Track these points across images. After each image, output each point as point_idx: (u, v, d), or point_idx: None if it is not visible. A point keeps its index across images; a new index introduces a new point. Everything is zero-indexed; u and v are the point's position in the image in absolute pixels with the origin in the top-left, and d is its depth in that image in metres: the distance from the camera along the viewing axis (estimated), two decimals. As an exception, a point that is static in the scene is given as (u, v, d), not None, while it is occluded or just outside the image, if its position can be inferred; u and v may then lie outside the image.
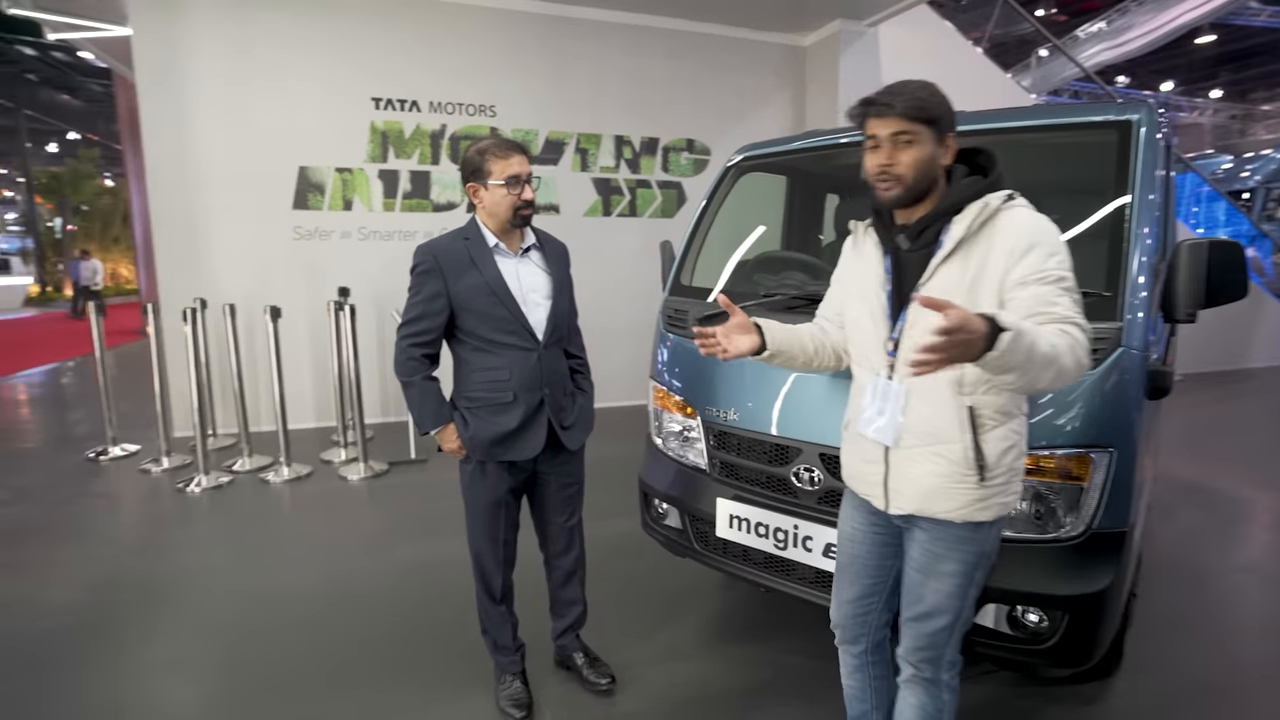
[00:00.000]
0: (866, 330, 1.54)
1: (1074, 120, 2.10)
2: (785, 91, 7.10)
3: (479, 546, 2.19)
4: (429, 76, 5.88)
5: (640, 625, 2.74)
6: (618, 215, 6.65)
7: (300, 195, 5.66)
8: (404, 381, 2.06)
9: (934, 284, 1.41)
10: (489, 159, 1.99)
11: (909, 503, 1.48)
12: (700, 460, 2.43)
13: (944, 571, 1.48)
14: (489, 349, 2.05)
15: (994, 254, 1.36)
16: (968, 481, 1.41)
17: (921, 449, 1.45)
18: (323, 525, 3.82)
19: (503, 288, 2.02)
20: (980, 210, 1.38)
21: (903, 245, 1.49)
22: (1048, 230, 1.36)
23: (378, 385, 5.96)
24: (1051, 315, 1.29)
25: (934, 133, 1.40)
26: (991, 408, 1.40)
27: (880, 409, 1.49)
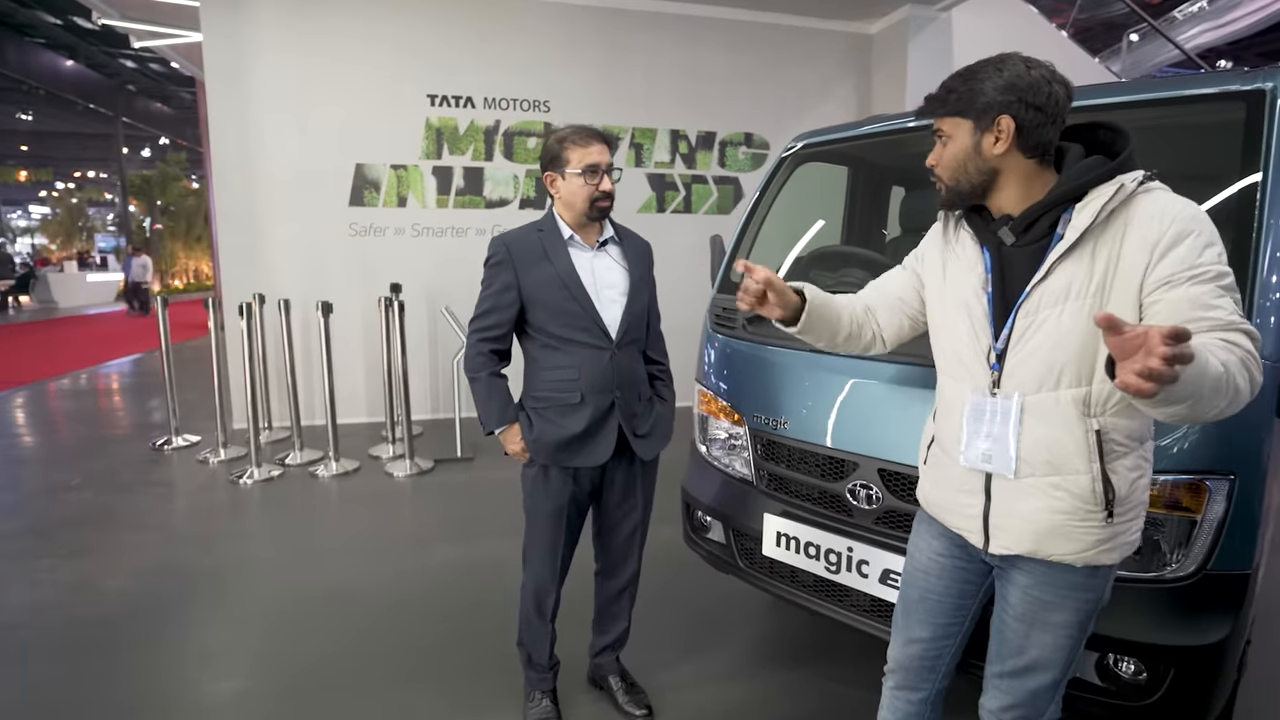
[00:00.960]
0: (963, 338, 1.30)
1: (1191, 93, 1.81)
2: (848, 82, 6.78)
3: (534, 556, 2.07)
4: (484, 72, 5.85)
5: (679, 643, 2.57)
6: (672, 212, 6.49)
7: (356, 192, 5.72)
8: (471, 377, 1.97)
9: (1052, 284, 1.18)
10: (567, 147, 1.88)
11: (1018, 543, 1.24)
12: (747, 471, 2.24)
13: (1054, 622, 1.26)
14: (559, 346, 1.93)
15: (1130, 247, 1.12)
16: (1093, 519, 1.19)
17: (1036, 480, 1.22)
18: (365, 522, 3.81)
19: (575, 281, 1.91)
20: (1113, 194, 1.14)
21: (1006, 240, 1.25)
22: (1199, 217, 1.11)
23: (427, 381, 5.98)
24: (1212, 322, 1.05)
25: (972, 122, 1.21)
26: (1122, 432, 1.18)
27: (987, 432, 1.25)
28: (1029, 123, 1.18)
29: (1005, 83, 1.18)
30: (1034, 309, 1.19)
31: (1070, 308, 1.16)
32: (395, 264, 5.73)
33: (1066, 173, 1.21)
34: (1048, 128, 1.20)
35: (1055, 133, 1.22)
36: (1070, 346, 1.16)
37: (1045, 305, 1.18)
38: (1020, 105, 1.18)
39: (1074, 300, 1.16)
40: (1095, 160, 1.20)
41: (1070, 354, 1.16)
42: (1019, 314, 1.21)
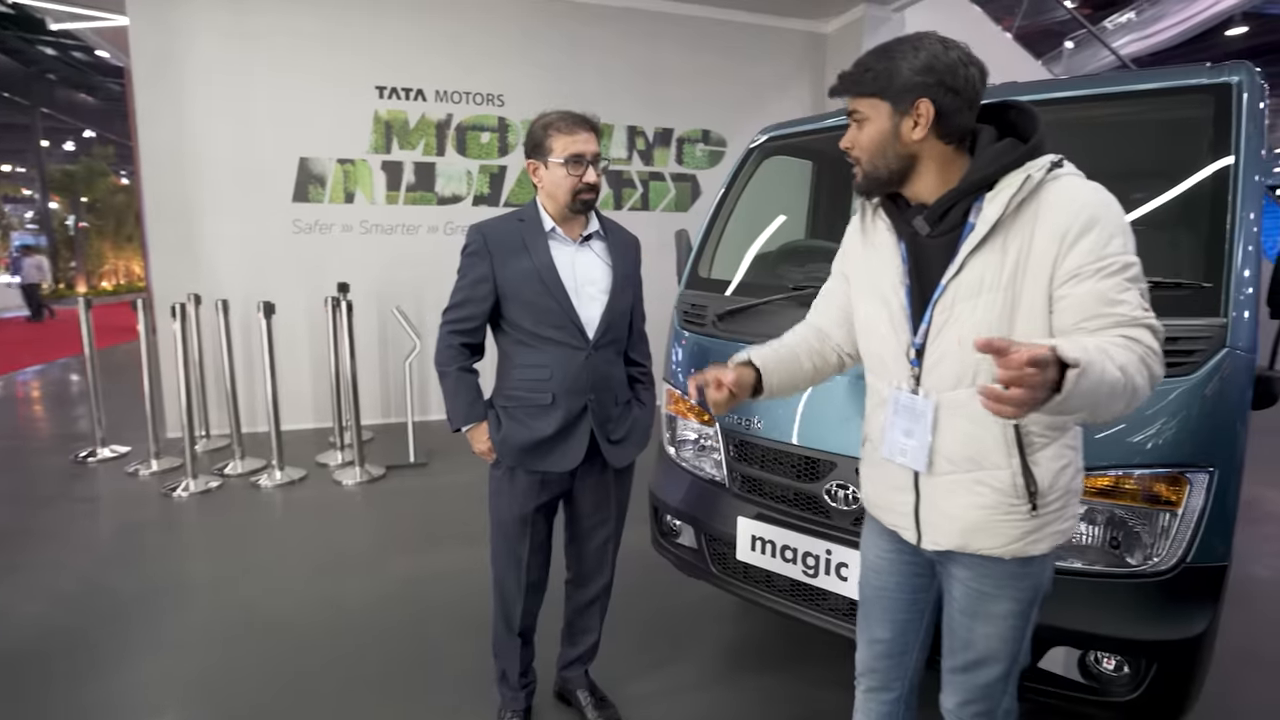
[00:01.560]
0: (883, 335, 1.28)
1: (1159, 86, 1.81)
2: (804, 81, 6.81)
3: (499, 564, 1.96)
4: (435, 64, 5.65)
5: (649, 651, 2.48)
6: (629, 209, 6.40)
7: (300, 187, 5.45)
8: (440, 371, 1.87)
9: (966, 277, 1.14)
10: (552, 133, 1.77)
11: (947, 538, 1.24)
12: (719, 473, 2.17)
13: (996, 613, 1.25)
14: (533, 344, 1.83)
15: (1040, 238, 1.09)
16: (1017, 513, 1.17)
17: (959, 476, 1.20)
18: (313, 534, 3.60)
19: (553, 276, 1.80)
20: (1020, 184, 1.10)
21: (921, 230, 1.20)
22: (1108, 205, 1.08)
23: (377, 384, 5.75)
24: (1115, 318, 1.04)
25: (893, 105, 1.15)
26: (1040, 424, 1.16)
27: (907, 429, 1.23)
28: (947, 107, 1.13)
29: (923, 64, 1.12)
30: (950, 303, 1.16)
31: (984, 301, 1.13)
32: (342, 262, 5.48)
33: (977, 159, 1.17)
34: (965, 112, 1.16)
35: (972, 118, 1.17)
36: None
37: (960, 299, 1.15)
38: (939, 88, 1.12)
39: (987, 293, 1.12)
40: (1006, 145, 1.16)
41: None
42: (935, 309, 1.18)
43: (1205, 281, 1.51)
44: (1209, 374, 1.46)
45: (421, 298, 5.61)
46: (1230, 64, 1.75)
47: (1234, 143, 1.61)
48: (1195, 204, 1.63)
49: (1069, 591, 1.55)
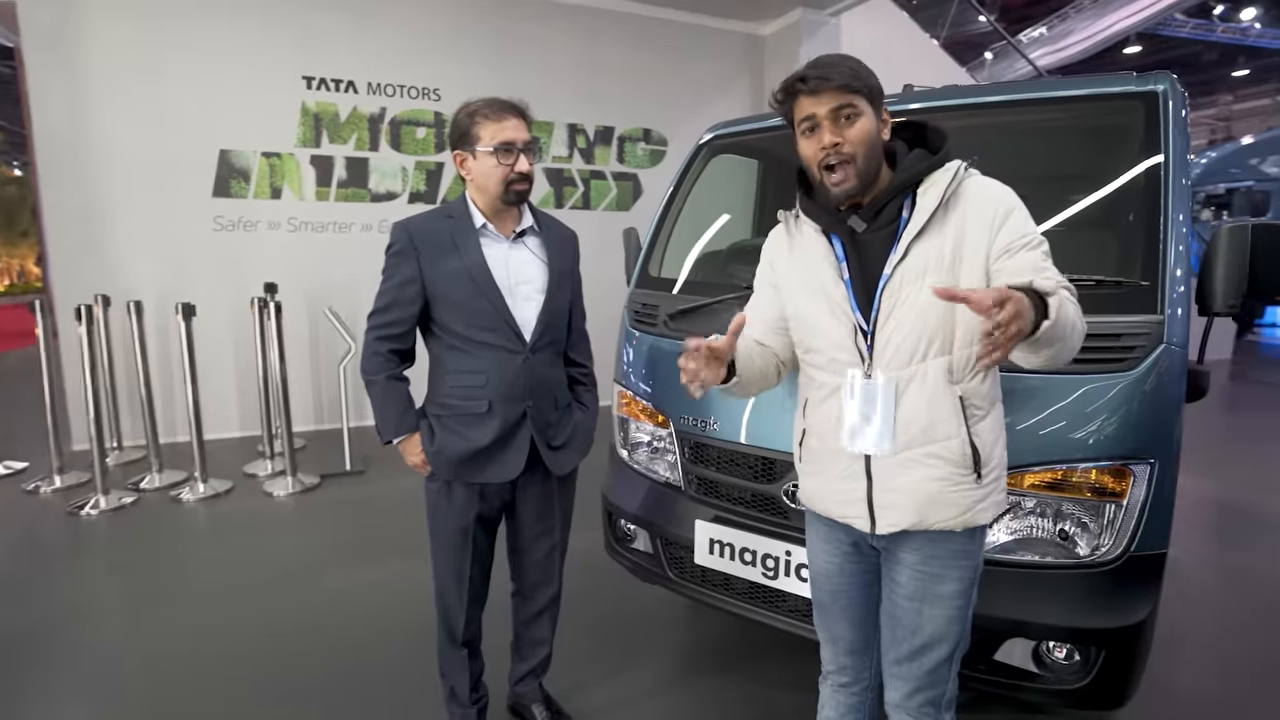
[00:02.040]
0: (827, 327, 1.32)
1: (1090, 92, 1.88)
2: (743, 82, 6.89)
3: (440, 580, 1.86)
4: (366, 56, 5.43)
5: (603, 660, 2.43)
6: (571, 207, 6.32)
7: (221, 182, 5.14)
8: (367, 380, 1.75)
9: (910, 263, 1.24)
10: (478, 121, 1.68)
11: (903, 517, 1.28)
12: (674, 476, 2.13)
13: (943, 594, 1.30)
14: (466, 348, 1.73)
15: (971, 224, 1.23)
16: (966, 483, 1.26)
17: (912, 452, 1.26)
18: (241, 550, 3.38)
19: (485, 276, 1.71)
20: (951, 178, 1.25)
21: (857, 227, 1.29)
22: (1014, 195, 1.26)
23: (309, 389, 5.48)
24: (1051, 280, 1.16)
25: (874, 106, 1.26)
26: (980, 396, 1.26)
27: (865, 414, 1.27)
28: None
29: (878, 82, 1.27)
30: (897, 287, 1.24)
31: (929, 282, 1.21)
32: (269, 261, 5.20)
33: (903, 164, 1.29)
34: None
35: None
36: (932, 319, 1.23)
37: (907, 282, 1.24)
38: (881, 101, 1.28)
39: (931, 275, 1.22)
40: (921, 153, 1.30)
41: (933, 325, 1.23)
42: (884, 294, 1.25)
43: (1143, 280, 1.57)
44: (1148, 369, 1.52)
45: (355, 298, 5.38)
46: (1154, 73, 1.83)
47: (1163, 147, 1.68)
48: (1130, 206, 1.69)
49: (1023, 585, 1.58)
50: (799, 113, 1.27)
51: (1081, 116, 1.96)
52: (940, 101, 2.15)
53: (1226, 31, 18.04)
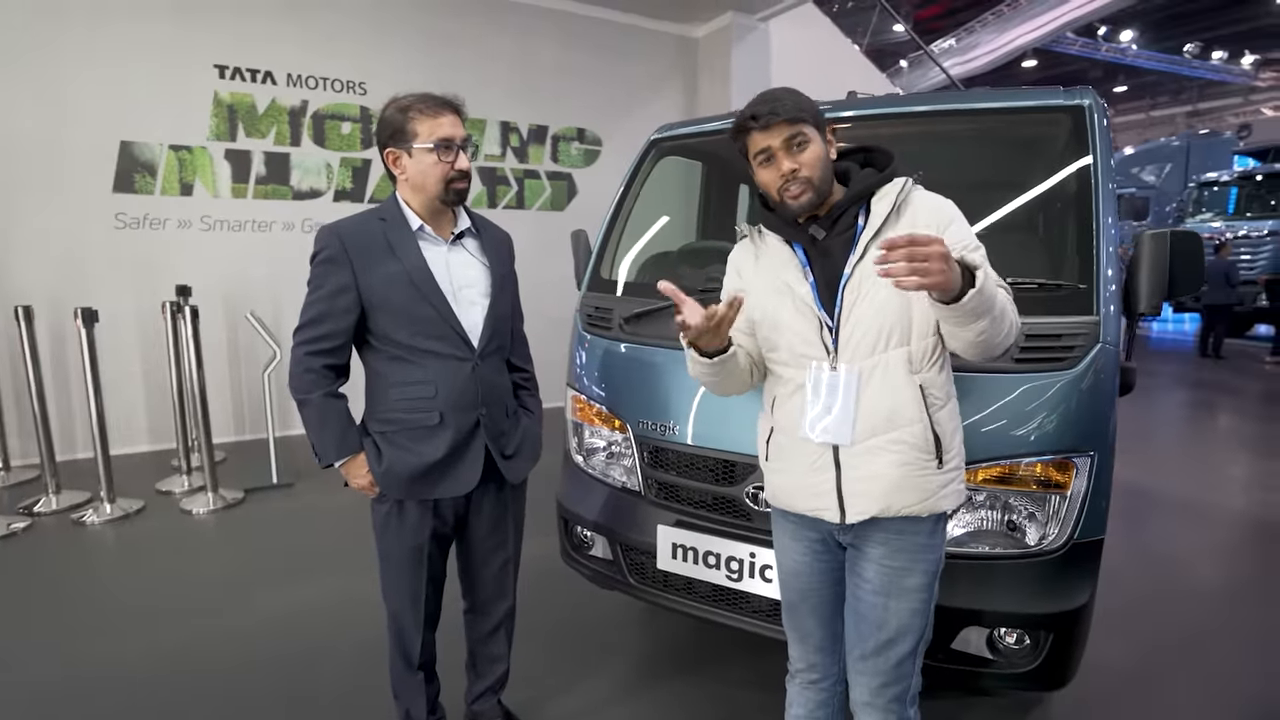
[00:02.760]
0: (794, 325, 1.40)
1: (1022, 105, 1.98)
2: (677, 83, 6.94)
3: (395, 603, 1.77)
4: (285, 45, 5.15)
5: (562, 670, 2.38)
6: (504, 207, 6.20)
7: (124, 176, 4.75)
8: (300, 400, 1.62)
9: (868, 263, 1.32)
10: (414, 117, 1.59)
11: (871, 504, 1.34)
12: (633, 481, 2.11)
13: (909, 587, 1.36)
14: (410, 358, 1.63)
15: (920, 228, 1.31)
16: (929, 467, 1.34)
17: (878, 439, 1.34)
18: (156, 575, 3.12)
19: (428, 280, 1.62)
20: (900, 188, 1.37)
21: (818, 235, 1.40)
22: (955, 206, 1.38)
23: (229, 398, 5.16)
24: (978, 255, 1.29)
25: (820, 132, 1.38)
26: (938, 386, 1.36)
27: (827, 405, 1.35)
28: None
29: (818, 110, 1.38)
30: (857, 284, 1.34)
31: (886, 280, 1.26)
32: (181, 262, 4.86)
33: (856, 179, 1.41)
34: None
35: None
36: (891, 312, 1.32)
37: (866, 280, 1.33)
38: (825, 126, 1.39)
39: None
40: (870, 171, 1.42)
41: (892, 318, 1.32)
42: (845, 291, 1.35)
43: (1080, 283, 1.66)
44: (1087, 367, 1.61)
45: (278, 301, 5.11)
46: (1079, 88, 1.95)
47: (1092, 156, 1.79)
48: (1064, 211, 1.80)
49: (976, 575, 1.65)
50: (753, 147, 1.36)
51: (1015, 126, 2.06)
52: (883, 109, 2.21)
53: (1109, 51, 19.54)
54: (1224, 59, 20.71)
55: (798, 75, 6.87)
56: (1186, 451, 5.30)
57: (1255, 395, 7.29)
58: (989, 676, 1.69)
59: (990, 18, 16.73)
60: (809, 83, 1.40)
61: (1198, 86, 22.92)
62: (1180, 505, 4.02)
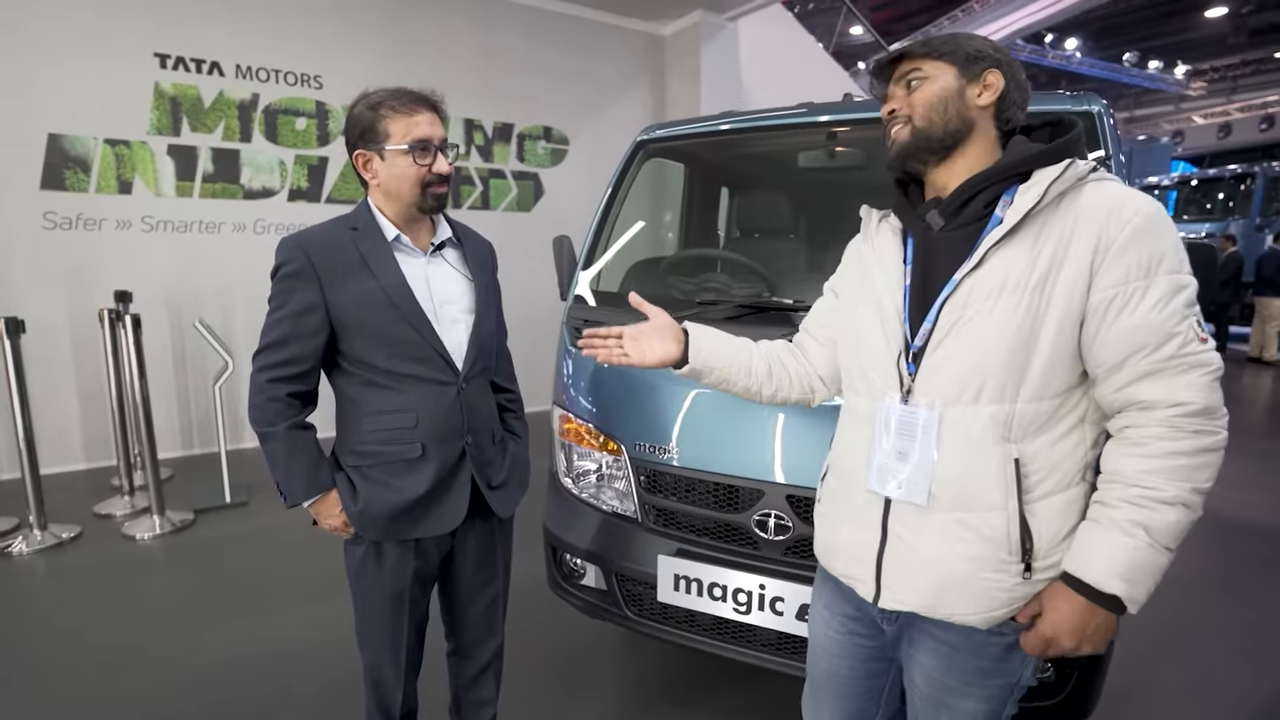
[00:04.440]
0: (872, 342, 1.12)
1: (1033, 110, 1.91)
2: (645, 81, 6.81)
3: (373, 654, 1.60)
4: (234, 35, 4.84)
5: (547, 703, 2.24)
6: (469, 208, 5.99)
7: (53, 172, 4.39)
8: (263, 432, 1.43)
9: (986, 274, 0.99)
10: (386, 115, 1.41)
11: (911, 596, 1.05)
12: (628, 506, 1.98)
13: (963, 710, 1.10)
14: (388, 384, 1.46)
15: (1079, 239, 0.95)
16: (1006, 570, 1.00)
17: (941, 515, 1.02)
18: (96, 610, 2.85)
19: (407, 298, 1.45)
20: (1061, 172, 0.98)
21: (934, 224, 1.07)
22: (1160, 212, 0.95)
23: (175, 412, 4.83)
24: (1160, 364, 0.93)
25: (957, 68, 1.05)
26: (1046, 465, 0.99)
27: (902, 450, 1.04)
28: (1009, 91, 1.07)
29: (994, 45, 1.08)
30: (962, 303, 1.01)
31: (1005, 304, 0.98)
32: (121, 266, 4.52)
33: (1009, 150, 1.07)
34: (1019, 108, 1.10)
35: (1022, 116, 1.11)
36: (999, 352, 0.98)
37: (976, 299, 1.00)
38: (1007, 68, 1.07)
39: (1009, 295, 0.98)
40: (1033, 142, 1.08)
41: (997, 361, 0.98)
42: (945, 308, 1.02)
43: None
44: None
45: (229, 307, 4.82)
46: (1087, 94, 1.90)
47: (1110, 160, 1.74)
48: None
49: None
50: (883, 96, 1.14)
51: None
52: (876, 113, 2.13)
53: (1055, 58, 20.19)
54: (1159, 68, 21.62)
55: (766, 75, 6.86)
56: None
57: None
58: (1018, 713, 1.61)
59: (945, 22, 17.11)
60: (777, 83, 1.23)
61: (1135, 94, 23.89)
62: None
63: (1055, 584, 1.00)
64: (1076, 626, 0.97)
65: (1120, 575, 0.94)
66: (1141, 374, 0.95)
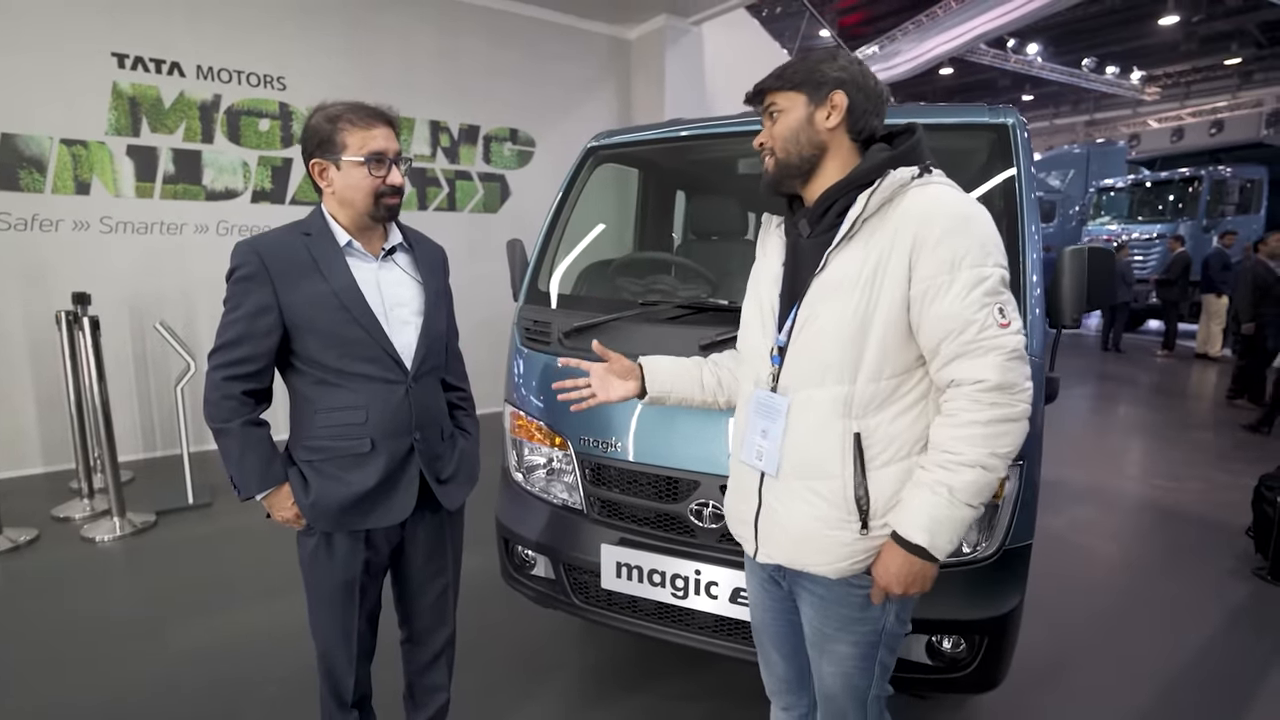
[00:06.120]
0: (754, 336, 1.31)
1: (948, 121, 2.04)
2: (610, 84, 6.90)
3: (325, 641, 1.66)
4: (195, 34, 4.82)
5: (501, 692, 2.32)
6: (435, 209, 6.02)
7: (6, 171, 4.34)
8: (217, 428, 1.50)
9: (828, 276, 1.16)
10: (343, 128, 1.49)
11: (779, 550, 1.25)
12: (575, 499, 2.07)
13: (837, 653, 1.27)
14: (338, 382, 1.53)
15: (899, 241, 1.10)
16: (846, 528, 1.17)
17: (795, 482, 1.21)
18: (57, 614, 2.86)
19: (358, 300, 1.52)
20: (878, 187, 1.12)
21: (803, 231, 1.24)
22: (969, 213, 1.10)
23: (136, 413, 4.81)
24: (965, 346, 1.08)
25: (806, 96, 1.19)
26: (885, 438, 1.15)
27: (764, 429, 1.23)
28: (858, 104, 1.20)
29: (839, 66, 1.20)
30: (813, 301, 1.17)
31: (843, 300, 1.14)
32: (78, 268, 4.49)
33: (860, 162, 1.21)
34: (872, 116, 1.22)
35: (879, 122, 1.24)
36: (839, 340, 1.14)
37: (822, 298, 1.16)
38: (852, 85, 1.20)
39: (846, 292, 1.14)
40: (880, 148, 1.21)
41: (838, 348, 1.14)
42: (801, 307, 1.19)
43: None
44: (1015, 379, 1.66)
45: (192, 309, 4.81)
46: (1003, 107, 2.02)
47: (1016, 169, 1.86)
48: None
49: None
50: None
51: (941, 143, 2.11)
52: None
53: (1017, 62, 20.68)
54: (1116, 73, 22.26)
55: (731, 79, 6.98)
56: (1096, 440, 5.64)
57: (1149, 386, 7.86)
58: (927, 681, 1.73)
59: (911, 27, 17.42)
60: (741, 87, 1.32)
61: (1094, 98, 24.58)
62: (1089, 491, 4.28)
63: (886, 540, 1.17)
64: (899, 574, 1.14)
65: (923, 527, 1.11)
66: (952, 355, 1.10)
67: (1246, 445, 5.32)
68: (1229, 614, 2.86)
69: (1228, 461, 4.92)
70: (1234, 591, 3.05)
